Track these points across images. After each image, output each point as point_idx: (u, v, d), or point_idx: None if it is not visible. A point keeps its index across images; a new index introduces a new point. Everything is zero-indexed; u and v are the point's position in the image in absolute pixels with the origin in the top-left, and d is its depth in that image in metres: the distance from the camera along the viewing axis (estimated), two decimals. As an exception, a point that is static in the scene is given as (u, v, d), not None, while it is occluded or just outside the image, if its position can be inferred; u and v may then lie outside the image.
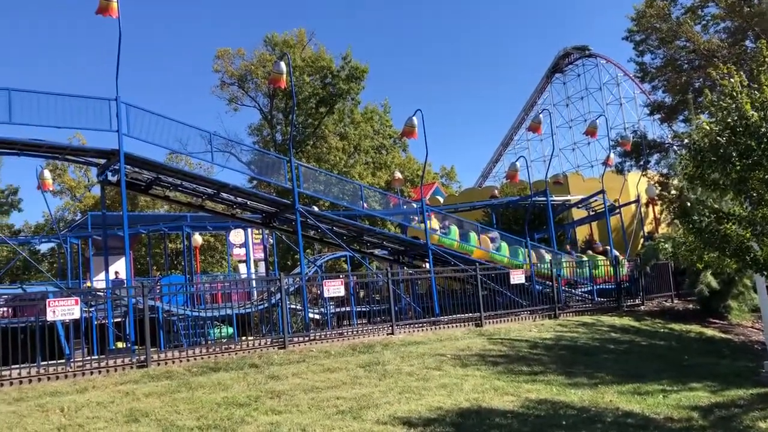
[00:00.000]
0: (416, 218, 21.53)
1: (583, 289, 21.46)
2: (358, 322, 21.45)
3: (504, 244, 21.81)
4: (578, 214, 30.67)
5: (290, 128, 28.83)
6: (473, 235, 21.29)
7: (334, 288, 15.32)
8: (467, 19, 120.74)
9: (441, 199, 37.90)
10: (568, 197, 30.42)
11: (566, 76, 66.11)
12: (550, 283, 19.33)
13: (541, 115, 24.87)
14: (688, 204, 12.22)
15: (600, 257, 23.01)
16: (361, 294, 24.87)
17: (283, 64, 17.05)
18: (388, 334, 15.28)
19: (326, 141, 43.12)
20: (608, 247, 24.37)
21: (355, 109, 45.70)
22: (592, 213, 29.00)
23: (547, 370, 12.02)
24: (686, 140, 14.01)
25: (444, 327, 16.46)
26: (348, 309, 22.38)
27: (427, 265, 19.70)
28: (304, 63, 43.37)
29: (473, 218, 26.30)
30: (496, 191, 34.63)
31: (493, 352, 13.53)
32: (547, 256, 22.12)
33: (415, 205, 21.25)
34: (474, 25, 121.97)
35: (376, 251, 23.59)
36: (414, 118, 19.18)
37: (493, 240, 22.10)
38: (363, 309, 23.00)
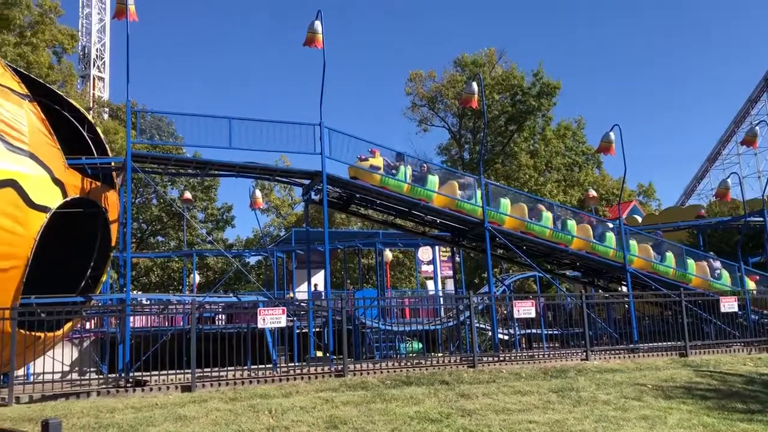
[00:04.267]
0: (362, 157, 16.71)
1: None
2: (547, 345, 20.86)
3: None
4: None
5: (480, 147, 28.97)
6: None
7: (525, 309, 15.05)
8: (666, 28, 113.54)
9: (639, 219, 35.82)
10: (790, 217, 27.17)
11: (785, 83, 59.48)
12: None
13: (757, 127, 22.58)
14: None
15: None
16: (551, 316, 24.12)
17: (474, 85, 17.22)
18: (581, 360, 14.67)
19: (516, 159, 42.61)
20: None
21: (546, 126, 44.73)
22: (820, 235, 25.60)
23: (766, 410, 10.80)
24: None
25: (643, 355, 15.47)
26: (535, 331, 21.87)
27: (624, 288, 18.67)
28: (494, 81, 43.36)
29: (675, 239, 24.46)
30: (703, 210, 31.99)
31: (701, 386, 12.44)
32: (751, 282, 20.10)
33: (611, 225, 20.19)
34: (675, 34, 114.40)
35: (568, 272, 22.81)
36: (611, 133, 18.41)
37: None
38: (552, 332, 22.32)
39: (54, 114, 13.65)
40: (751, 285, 20.59)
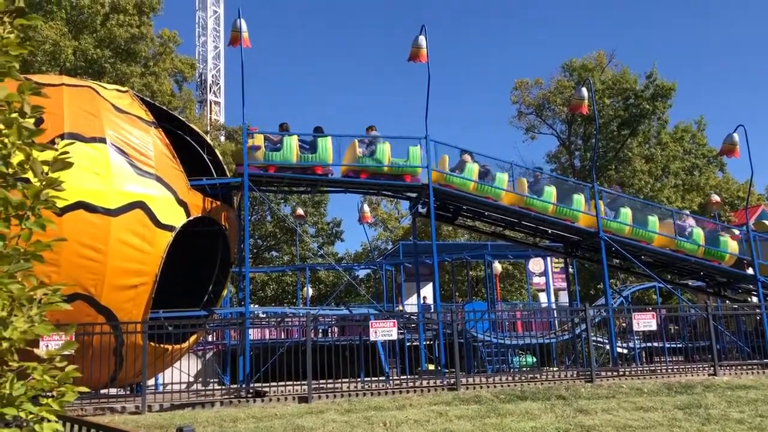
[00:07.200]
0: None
1: None
2: (670, 359, 19.83)
3: None
4: None
5: (592, 154, 28.05)
6: None
7: (645, 321, 14.38)
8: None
9: (769, 224, 33.32)
10: None
11: None
12: None
13: None
14: None
15: None
16: (673, 329, 22.91)
17: (584, 90, 16.75)
18: (709, 375, 13.81)
19: (630, 164, 40.92)
20: None
21: (662, 129, 42.73)
22: None
23: None
24: None
25: (780, 371, 14.36)
26: (657, 344, 20.85)
27: (755, 298, 17.43)
28: (604, 86, 41.95)
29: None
30: (843, 213, 29.36)
31: None
32: None
33: (737, 231, 18.92)
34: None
35: (690, 282, 21.58)
36: (735, 134, 17.31)
37: None
38: (675, 345, 21.19)
39: (176, 138, 14.53)
40: (731, 245, 17.97)
